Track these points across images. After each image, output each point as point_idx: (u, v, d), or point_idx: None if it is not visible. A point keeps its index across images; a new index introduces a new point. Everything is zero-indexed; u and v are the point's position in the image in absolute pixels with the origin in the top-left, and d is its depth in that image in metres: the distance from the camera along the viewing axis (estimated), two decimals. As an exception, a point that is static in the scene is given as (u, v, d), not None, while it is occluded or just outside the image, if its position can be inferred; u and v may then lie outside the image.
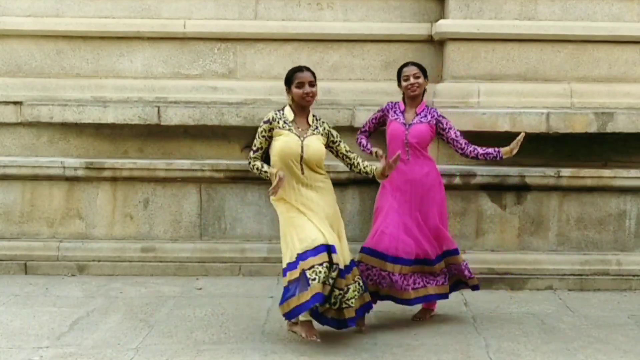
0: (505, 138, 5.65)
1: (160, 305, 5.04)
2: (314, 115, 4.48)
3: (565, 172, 5.53)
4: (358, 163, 4.52)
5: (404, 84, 4.75)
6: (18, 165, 5.87)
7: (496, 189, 5.60)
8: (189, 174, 5.83)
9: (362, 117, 5.91)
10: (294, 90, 4.35)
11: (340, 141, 4.51)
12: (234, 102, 6.00)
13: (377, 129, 5.04)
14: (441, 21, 5.90)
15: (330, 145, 4.48)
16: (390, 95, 6.10)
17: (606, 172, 5.55)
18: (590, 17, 5.85)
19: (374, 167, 4.48)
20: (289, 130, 4.34)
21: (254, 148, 4.41)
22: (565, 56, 5.86)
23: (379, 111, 4.98)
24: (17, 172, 5.88)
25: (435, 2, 6.14)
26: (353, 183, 5.89)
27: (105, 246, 5.90)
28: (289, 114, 4.40)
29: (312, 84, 4.36)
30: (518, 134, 5.54)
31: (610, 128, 5.57)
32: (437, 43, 6.10)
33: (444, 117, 4.83)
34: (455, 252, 4.77)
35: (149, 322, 4.67)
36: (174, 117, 5.93)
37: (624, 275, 5.56)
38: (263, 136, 4.38)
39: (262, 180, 5.77)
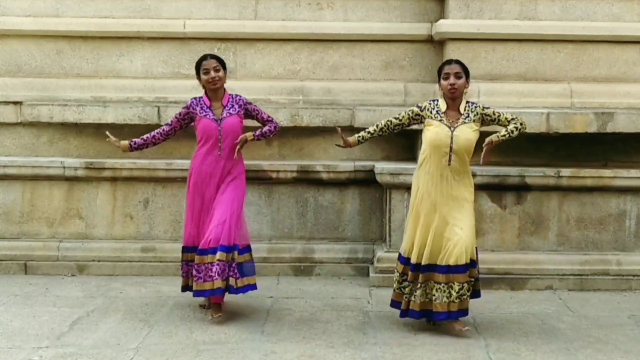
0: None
1: (160, 305, 5.03)
2: (467, 102, 4.54)
3: (565, 172, 5.52)
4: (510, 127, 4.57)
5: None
6: (18, 165, 5.87)
7: (496, 189, 5.59)
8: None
9: (362, 117, 5.92)
10: (442, 82, 4.48)
11: (500, 114, 4.55)
12: (234, 102, 5.99)
13: (182, 126, 4.89)
14: (441, 21, 5.90)
15: (491, 124, 4.56)
16: (390, 95, 6.12)
17: (606, 172, 5.55)
18: (590, 17, 5.85)
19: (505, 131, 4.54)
20: (440, 120, 4.45)
21: (394, 117, 4.63)
22: (565, 56, 5.86)
23: (183, 108, 4.83)
24: (17, 172, 5.88)
25: (435, 2, 6.14)
26: (353, 183, 5.89)
27: (105, 246, 5.90)
28: (442, 104, 4.51)
29: None
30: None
31: (610, 128, 5.57)
32: (437, 43, 6.10)
33: (250, 103, 4.88)
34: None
35: (149, 322, 4.67)
36: (174, 117, 5.93)
37: (624, 275, 5.56)
38: (408, 114, 4.59)
39: (261, 180, 5.80)
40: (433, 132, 4.45)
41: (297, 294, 5.35)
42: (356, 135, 4.73)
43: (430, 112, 4.50)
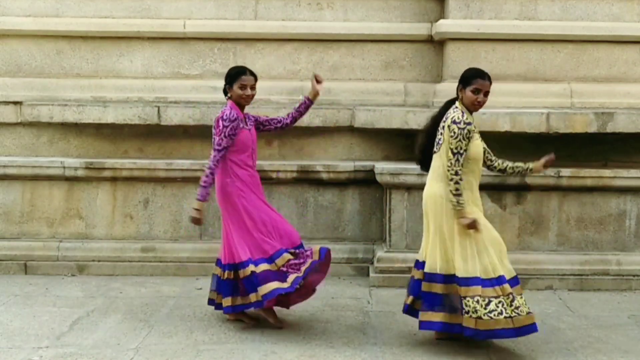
0: (506, 138, 5.66)
1: (160, 305, 5.04)
2: None
3: (565, 172, 5.52)
4: (502, 165, 4.46)
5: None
6: (18, 165, 5.87)
7: (496, 189, 5.59)
8: (189, 174, 5.83)
9: (362, 117, 5.92)
10: (469, 94, 4.15)
11: (491, 156, 4.45)
12: (234, 102, 5.99)
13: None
14: (441, 21, 5.90)
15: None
16: (390, 95, 6.12)
17: (606, 172, 5.55)
18: (590, 17, 5.85)
19: None
20: (478, 132, 4.23)
21: (460, 153, 4.05)
22: (565, 56, 5.86)
23: (230, 122, 4.43)
24: (17, 172, 5.88)
25: (435, 2, 6.14)
26: (353, 183, 5.89)
27: (105, 246, 5.90)
28: (469, 115, 4.18)
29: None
30: (518, 133, 5.57)
31: (610, 128, 5.57)
32: (437, 43, 6.10)
33: (253, 114, 4.75)
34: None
35: (149, 322, 4.67)
36: (174, 117, 5.93)
37: (624, 275, 5.55)
38: (468, 137, 4.06)
39: (261, 180, 5.77)
40: (477, 145, 4.15)
41: (297, 294, 5.35)
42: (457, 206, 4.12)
43: (474, 127, 4.15)
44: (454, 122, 4.09)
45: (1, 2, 6.17)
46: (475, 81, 4.17)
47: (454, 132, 4.07)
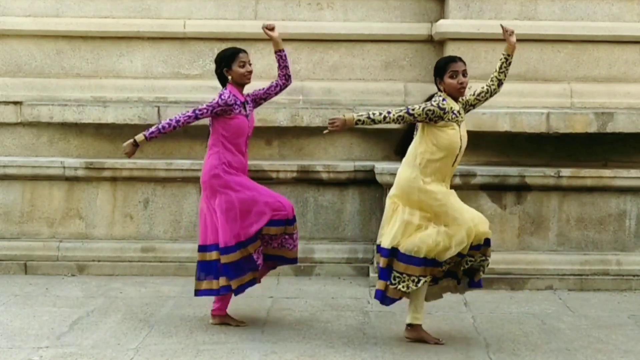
0: (506, 138, 5.67)
1: (160, 305, 5.04)
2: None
3: (565, 172, 5.52)
4: (493, 78, 4.29)
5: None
6: (18, 165, 5.87)
7: (496, 189, 5.59)
8: (189, 174, 5.83)
9: (362, 117, 5.92)
10: (448, 80, 4.16)
11: (475, 92, 4.26)
12: (234, 102, 5.99)
13: (205, 118, 4.51)
14: (441, 21, 5.90)
15: (474, 104, 4.29)
16: (390, 95, 6.13)
17: (606, 172, 5.55)
18: (590, 17, 5.86)
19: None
20: (456, 121, 4.15)
21: (407, 110, 4.12)
22: (565, 56, 5.87)
23: (221, 101, 4.43)
24: (17, 172, 5.88)
25: (435, 2, 6.15)
26: (353, 183, 5.89)
27: (105, 246, 5.90)
28: (453, 103, 4.15)
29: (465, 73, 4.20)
30: (518, 133, 5.57)
31: (610, 128, 5.57)
32: (437, 43, 6.10)
33: (250, 94, 4.67)
34: None
35: (149, 322, 4.67)
36: (174, 117, 5.93)
37: (624, 275, 5.55)
38: (426, 114, 4.08)
39: (261, 180, 5.77)
40: (452, 135, 4.13)
41: (297, 294, 5.36)
42: (355, 115, 4.20)
43: (451, 113, 4.12)
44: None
45: (1, 2, 6.18)
46: (448, 66, 4.20)
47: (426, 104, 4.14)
